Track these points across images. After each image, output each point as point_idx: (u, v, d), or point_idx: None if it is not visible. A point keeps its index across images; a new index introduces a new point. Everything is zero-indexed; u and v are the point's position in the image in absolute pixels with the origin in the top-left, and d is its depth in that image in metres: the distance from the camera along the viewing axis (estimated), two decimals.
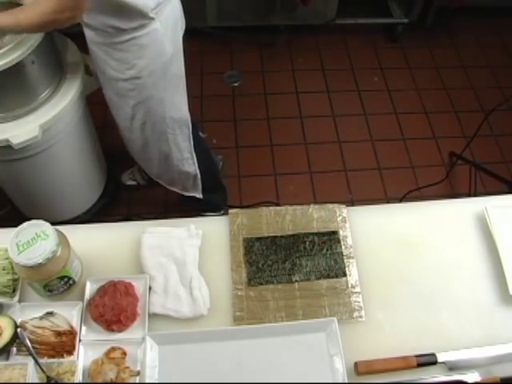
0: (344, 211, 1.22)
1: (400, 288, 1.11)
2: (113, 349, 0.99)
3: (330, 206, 1.22)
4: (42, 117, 1.54)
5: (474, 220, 1.22)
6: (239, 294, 1.09)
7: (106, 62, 1.44)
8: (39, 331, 0.98)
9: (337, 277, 1.12)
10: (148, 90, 1.50)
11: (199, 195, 1.99)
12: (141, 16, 1.32)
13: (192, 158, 1.84)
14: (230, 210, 1.21)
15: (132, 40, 1.36)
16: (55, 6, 1.17)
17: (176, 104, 1.63)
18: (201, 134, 2.22)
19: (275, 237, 1.17)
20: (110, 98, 1.60)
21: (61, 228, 1.02)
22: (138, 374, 0.97)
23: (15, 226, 0.98)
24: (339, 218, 1.20)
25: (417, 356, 1.00)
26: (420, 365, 0.99)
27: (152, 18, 1.34)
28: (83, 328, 1.02)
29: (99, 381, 0.95)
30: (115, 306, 1.01)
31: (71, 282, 1.04)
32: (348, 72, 2.83)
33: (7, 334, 0.95)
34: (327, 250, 1.15)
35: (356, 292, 1.10)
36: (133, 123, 1.63)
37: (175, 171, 1.86)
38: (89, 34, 1.41)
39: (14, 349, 0.98)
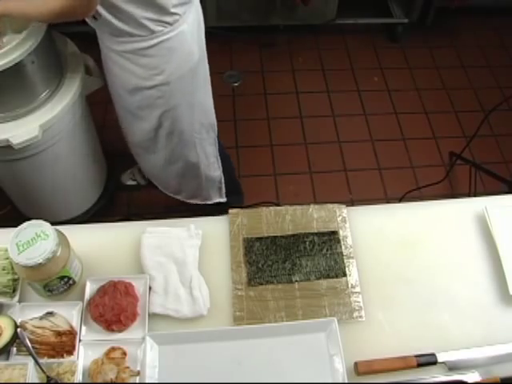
0: (344, 211, 1.22)
1: (400, 288, 1.11)
2: (113, 349, 0.99)
3: (330, 205, 1.22)
4: (42, 117, 1.54)
5: (474, 220, 1.22)
6: (239, 294, 1.09)
7: (131, 71, 1.39)
8: (39, 331, 0.98)
9: (337, 277, 1.12)
10: (177, 95, 1.46)
11: (223, 199, 1.94)
12: (163, 11, 1.27)
13: (217, 161, 1.79)
14: (230, 210, 1.21)
15: (160, 44, 1.33)
16: (64, 7, 1.17)
17: (204, 107, 1.59)
18: None
19: (275, 237, 1.17)
20: (127, 114, 1.54)
21: (61, 228, 1.02)
22: (138, 374, 0.97)
23: (15, 225, 0.97)
24: (339, 218, 1.20)
25: (417, 356, 1.00)
26: (420, 365, 0.99)
27: (174, 14, 1.29)
28: (83, 328, 1.02)
29: (99, 381, 0.95)
30: (115, 306, 1.01)
31: (71, 281, 1.04)
32: (348, 72, 2.83)
33: (7, 334, 0.95)
34: (327, 250, 1.15)
35: (356, 292, 1.10)
36: (158, 135, 1.57)
37: (202, 180, 1.80)
38: (111, 43, 1.35)
39: (14, 349, 0.98)
